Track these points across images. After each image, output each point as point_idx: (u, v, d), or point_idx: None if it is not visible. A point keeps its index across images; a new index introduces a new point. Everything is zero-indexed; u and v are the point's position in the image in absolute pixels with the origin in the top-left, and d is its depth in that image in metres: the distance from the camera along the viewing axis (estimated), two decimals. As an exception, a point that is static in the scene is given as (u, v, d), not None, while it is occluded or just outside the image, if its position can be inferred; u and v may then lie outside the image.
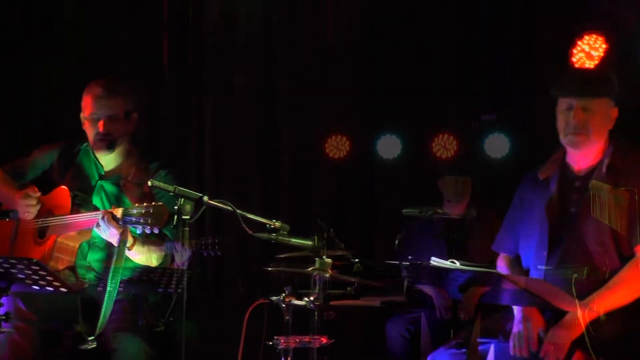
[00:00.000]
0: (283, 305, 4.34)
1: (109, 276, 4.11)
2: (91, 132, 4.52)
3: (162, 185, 3.81)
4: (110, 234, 4.22)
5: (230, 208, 3.80)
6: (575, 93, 3.94)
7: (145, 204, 4.07)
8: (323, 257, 4.25)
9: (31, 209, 4.44)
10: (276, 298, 4.35)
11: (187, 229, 3.68)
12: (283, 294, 4.35)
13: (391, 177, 6.65)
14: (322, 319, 4.87)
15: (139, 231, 4.13)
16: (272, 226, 3.91)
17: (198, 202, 3.68)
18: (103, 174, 4.60)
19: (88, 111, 4.50)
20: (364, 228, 6.67)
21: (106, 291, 4.08)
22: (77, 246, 4.44)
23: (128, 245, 4.24)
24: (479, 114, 6.42)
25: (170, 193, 3.72)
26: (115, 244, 4.22)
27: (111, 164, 4.59)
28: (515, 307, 3.96)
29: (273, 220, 3.93)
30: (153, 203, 4.07)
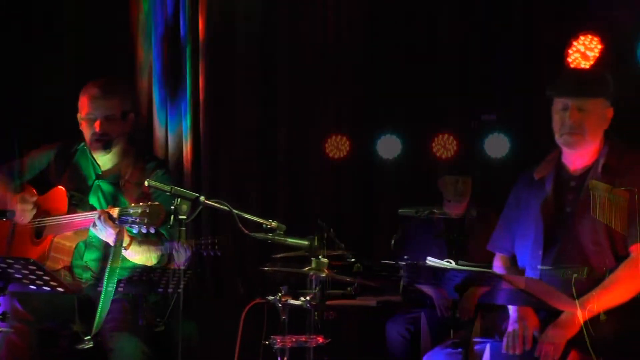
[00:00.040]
0: (279, 305, 4.35)
1: (106, 276, 4.13)
2: (88, 132, 4.54)
3: (159, 185, 3.82)
4: (106, 234, 4.23)
5: (226, 208, 3.81)
6: (570, 93, 3.96)
7: (141, 204, 4.08)
8: (319, 257, 4.25)
9: (27, 214, 4.46)
10: (272, 298, 4.36)
11: (184, 229, 3.70)
12: (279, 294, 4.36)
13: (391, 177, 6.64)
14: (322, 319, 4.89)
15: (136, 231, 4.14)
16: (269, 226, 3.92)
17: (194, 202, 3.70)
18: (100, 174, 4.61)
19: (85, 111, 4.52)
20: (364, 228, 6.67)
21: (102, 291, 4.10)
22: (74, 246, 4.45)
23: (124, 245, 4.26)
24: (479, 114, 6.40)
25: (166, 193, 3.73)
26: (111, 244, 4.24)
27: (108, 164, 4.61)
28: (510, 307, 3.98)
29: (269, 220, 3.94)
30: (149, 203, 4.08)
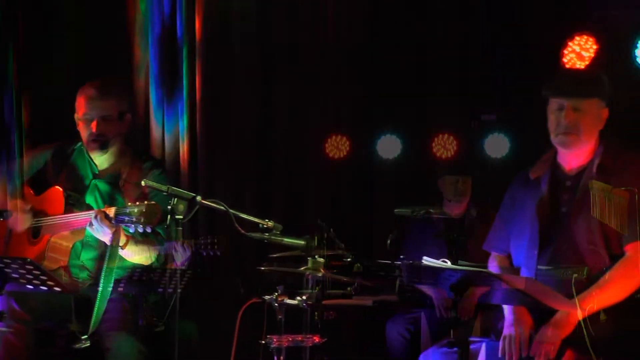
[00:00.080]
0: (276, 304, 4.37)
1: (102, 275, 4.14)
2: (85, 133, 4.55)
3: (155, 185, 3.82)
4: (103, 233, 4.24)
5: (223, 208, 3.82)
6: (566, 93, 3.97)
7: (137, 203, 4.09)
8: (315, 257, 4.26)
9: (22, 222, 4.48)
10: (269, 297, 4.37)
11: (180, 229, 3.70)
12: (276, 294, 4.37)
13: (391, 177, 6.64)
14: (322, 319, 4.90)
15: (132, 230, 4.15)
16: (265, 226, 3.92)
17: (191, 202, 3.69)
18: (97, 173, 4.63)
19: (81, 112, 4.54)
20: (364, 228, 6.67)
21: (99, 290, 4.11)
22: (71, 246, 4.47)
23: (121, 244, 4.27)
24: (479, 114, 6.41)
25: (163, 193, 3.74)
26: (108, 243, 4.25)
27: (105, 164, 4.63)
28: (505, 308, 3.98)
29: (266, 219, 3.94)
30: (146, 202, 4.09)
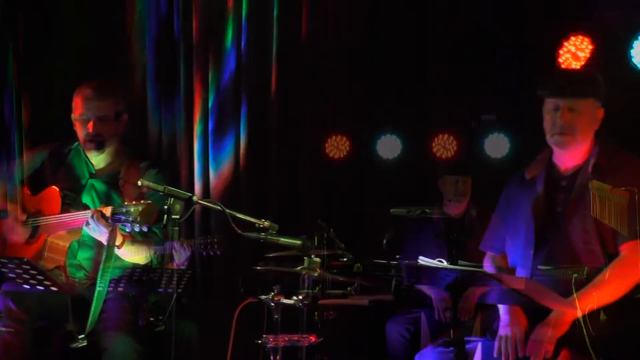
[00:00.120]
0: (272, 304, 4.37)
1: (99, 275, 4.14)
2: (81, 133, 4.58)
3: (152, 185, 3.83)
4: (100, 233, 4.26)
5: (219, 207, 3.82)
6: (562, 93, 3.98)
7: (134, 202, 4.10)
8: (312, 256, 4.27)
9: (16, 237, 4.49)
10: (265, 297, 4.38)
11: (177, 229, 3.71)
12: (272, 293, 4.38)
13: (391, 177, 6.63)
14: (322, 319, 4.90)
15: (129, 229, 4.16)
16: (261, 225, 3.92)
17: (188, 202, 3.70)
18: (94, 173, 4.64)
19: (78, 112, 4.56)
20: (364, 228, 6.66)
21: (95, 290, 4.11)
22: (68, 245, 4.49)
23: (118, 243, 4.28)
24: (479, 114, 6.41)
25: (160, 193, 3.74)
26: (104, 243, 4.25)
27: (102, 163, 4.65)
28: (500, 308, 3.99)
29: (262, 219, 3.94)
30: (142, 201, 4.10)
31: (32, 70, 5.79)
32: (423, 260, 3.69)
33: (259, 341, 4.37)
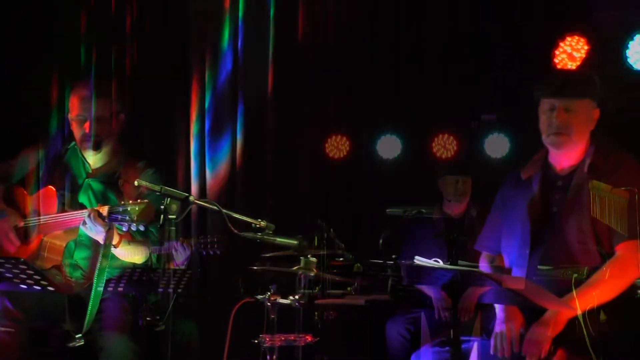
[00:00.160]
0: (268, 303, 4.37)
1: (96, 274, 4.14)
2: (78, 133, 4.59)
3: (149, 185, 3.83)
4: (96, 232, 4.26)
5: (216, 207, 3.82)
6: (557, 94, 3.98)
7: (131, 202, 4.11)
8: (308, 256, 4.27)
9: (6, 243, 4.49)
10: (261, 297, 4.38)
11: (174, 229, 3.71)
12: (268, 293, 4.38)
13: (391, 177, 6.63)
14: (322, 319, 4.90)
15: (125, 229, 4.16)
16: (258, 225, 3.92)
17: (184, 202, 3.70)
18: (90, 172, 4.64)
19: (75, 112, 4.57)
20: (364, 228, 6.66)
21: (92, 289, 4.11)
22: (64, 245, 4.50)
23: (114, 243, 4.28)
24: (479, 114, 6.40)
25: (156, 192, 3.74)
26: (101, 242, 4.25)
27: (98, 163, 4.66)
28: (497, 306, 3.99)
29: (258, 219, 3.94)
30: (139, 200, 4.10)
31: (31, 70, 5.82)
32: (419, 260, 3.69)
33: (256, 341, 4.37)
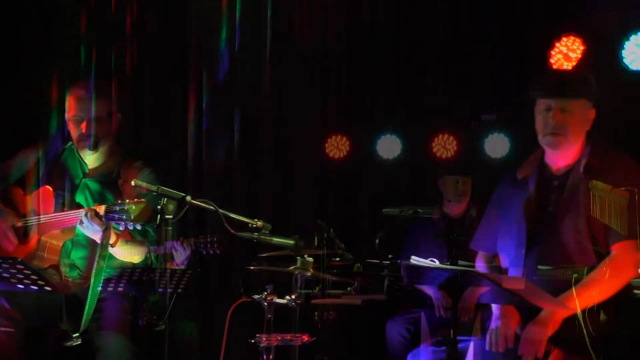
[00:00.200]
0: (265, 303, 4.37)
1: (93, 273, 4.14)
2: (75, 133, 4.59)
3: (146, 184, 3.83)
4: (93, 231, 4.27)
5: (212, 207, 3.82)
6: (553, 94, 3.98)
7: (127, 201, 4.11)
8: (304, 256, 4.27)
9: (5, 241, 4.49)
10: (258, 297, 4.38)
11: (170, 228, 3.71)
12: (265, 293, 4.38)
13: (391, 177, 6.63)
14: (323, 319, 4.90)
15: (122, 228, 4.17)
16: (254, 225, 3.92)
17: (181, 202, 3.70)
18: (87, 172, 4.65)
19: (71, 112, 4.58)
20: (363, 228, 6.66)
21: (90, 288, 4.11)
22: (61, 244, 4.50)
23: (111, 242, 4.28)
24: (479, 114, 6.41)
25: (153, 193, 3.74)
26: (98, 241, 4.26)
27: (95, 162, 4.66)
28: (493, 305, 3.99)
29: (255, 219, 3.94)
30: (135, 199, 4.11)
31: (31, 70, 5.83)
32: (415, 260, 3.69)
33: (252, 340, 4.37)
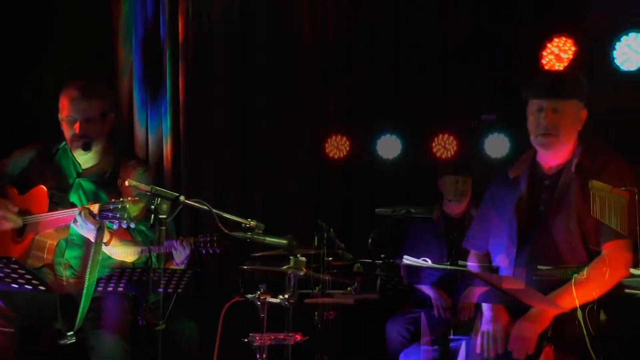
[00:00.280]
0: (258, 303, 4.38)
1: (87, 272, 4.15)
2: (68, 133, 4.60)
3: (139, 185, 3.84)
4: (87, 230, 4.28)
5: (206, 207, 3.83)
6: (545, 95, 3.99)
7: (121, 199, 4.12)
8: (297, 256, 4.28)
9: (8, 223, 4.50)
10: (252, 296, 4.39)
11: (164, 228, 3.72)
12: (258, 292, 4.39)
13: (391, 177, 6.63)
14: (323, 319, 4.90)
15: (116, 226, 4.17)
16: (248, 225, 3.93)
17: (174, 202, 3.71)
18: (81, 172, 4.66)
19: (65, 113, 4.59)
20: (364, 228, 6.65)
21: (84, 287, 4.12)
22: (55, 244, 4.51)
23: (105, 241, 4.29)
24: (479, 114, 6.41)
25: (147, 193, 3.76)
26: (92, 240, 4.27)
27: (89, 162, 4.67)
28: (484, 305, 3.99)
29: (248, 219, 3.95)
30: (129, 198, 4.12)
31: (31, 70, 5.85)
32: (407, 259, 3.70)
33: (246, 340, 4.38)
